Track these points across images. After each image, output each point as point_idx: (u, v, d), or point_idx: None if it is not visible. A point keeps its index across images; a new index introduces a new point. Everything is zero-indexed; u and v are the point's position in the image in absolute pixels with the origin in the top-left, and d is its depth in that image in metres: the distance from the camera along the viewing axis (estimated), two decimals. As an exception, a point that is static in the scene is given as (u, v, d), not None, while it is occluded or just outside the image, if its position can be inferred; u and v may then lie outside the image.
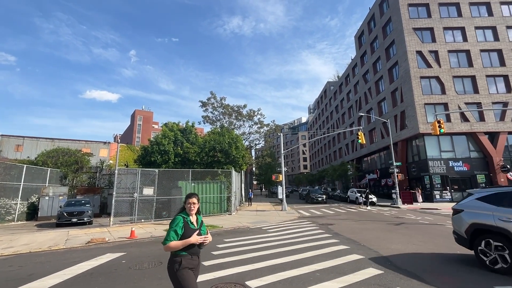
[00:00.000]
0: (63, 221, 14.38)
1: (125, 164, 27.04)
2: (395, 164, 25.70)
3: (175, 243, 2.88)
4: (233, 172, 19.08)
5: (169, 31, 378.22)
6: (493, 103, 28.71)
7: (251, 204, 26.63)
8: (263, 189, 70.20)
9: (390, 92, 34.21)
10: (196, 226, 3.12)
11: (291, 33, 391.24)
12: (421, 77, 29.60)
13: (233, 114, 33.23)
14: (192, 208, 3.10)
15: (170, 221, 3.06)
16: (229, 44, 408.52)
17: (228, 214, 17.91)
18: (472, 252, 6.41)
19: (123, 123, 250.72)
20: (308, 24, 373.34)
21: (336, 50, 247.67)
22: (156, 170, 16.00)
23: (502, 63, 30.05)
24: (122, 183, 15.96)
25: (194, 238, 2.95)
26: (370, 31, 40.94)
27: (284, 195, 22.87)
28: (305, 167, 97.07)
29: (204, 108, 33.31)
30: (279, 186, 24.63)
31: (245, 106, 33.67)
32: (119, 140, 17.82)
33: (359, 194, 26.65)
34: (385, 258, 6.89)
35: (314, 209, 22.82)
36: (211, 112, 33.37)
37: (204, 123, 33.45)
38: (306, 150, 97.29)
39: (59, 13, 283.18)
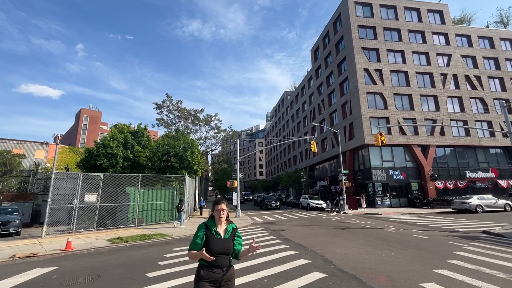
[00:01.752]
0: (-18, 233, 12.43)
1: (65, 168, 24.51)
2: (343, 172, 27.50)
3: (190, 254, 2.75)
4: (187, 178, 18.54)
5: (124, 27, 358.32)
6: (425, 119, 32.58)
7: (202, 213, 24.26)
8: (219, 195, 69.29)
9: (341, 105, 36.70)
10: (223, 236, 2.80)
11: (250, 41, 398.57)
12: (368, 93, 32.37)
13: (190, 118, 32.41)
14: (222, 216, 2.82)
15: (114, 229, 2.82)
16: (188, 46, 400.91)
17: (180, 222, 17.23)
18: (407, 254, 7.05)
19: (66, 123, 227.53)
20: (267, 34, 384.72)
21: (293, 62, 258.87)
22: (101, 174, 14.83)
23: (433, 85, 34.36)
24: (61, 189, 14.40)
25: (193, 254, 2.70)
26: (324, 47, 43.66)
27: (239, 202, 22.86)
28: (261, 173, 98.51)
29: (158, 111, 31.92)
30: (234, 192, 24.56)
31: (202, 110, 33.12)
32: (58, 141, 16.04)
33: (328, 202, 28.47)
34: (329, 262, 7.27)
35: (268, 215, 23.19)
36: (166, 115, 32.12)
37: (158, 126, 32.01)
38: (262, 157, 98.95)
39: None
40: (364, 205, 27.82)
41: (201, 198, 23.36)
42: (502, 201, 22.88)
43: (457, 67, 35.51)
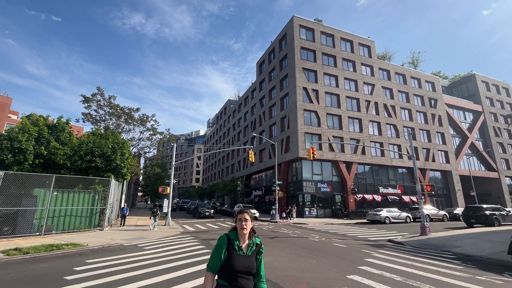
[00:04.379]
0: None
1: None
2: (277, 183, 28.70)
3: (207, 277, 2.41)
4: (113, 182, 16.88)
5: (50, 6, 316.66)
6: (351, 139, 36.54)
7: (124, 224, 19.30)
8: (149, 202, 64.83)
9: (280, 118, 38.61)
10: (246, 252, 2.46)
11: (196, 45, 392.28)
12: (304, 110, 34.85)
13: (123, 117, 29.82)
14: (244, 227, 2.49)
15: (12, 239, 2.29)
16: (128, 40, 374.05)
17: (99, 230, 15.52)
18: (326, 261, 7.61)
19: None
20: (213, 41, 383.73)
21: (238, 72, 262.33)
22: (2, 172, 12.42)
23: (359, 109, 38.92)
24: None
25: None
26: (269, 62, 45.67)
27: (170, 209, 21.75)
28: (197, 180, 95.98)
29: (86, 105, 28.55)
30: (166, 199, 23.31)
31: (138, 109, 30.86)
32: None
33: (273, 212, 28.19)
34: (256, 271, 7.39)
35: (200, 224, 22.61)
36: (95, 111, 28.92)
37: (84, 121, 28.59)
38: (200, 163, 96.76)
39: None
40: (294, 215, 29.35)
41: (125, 205, 21.04)
42: (404, 214, 26.89)
43: (378, 96, 41.02)
